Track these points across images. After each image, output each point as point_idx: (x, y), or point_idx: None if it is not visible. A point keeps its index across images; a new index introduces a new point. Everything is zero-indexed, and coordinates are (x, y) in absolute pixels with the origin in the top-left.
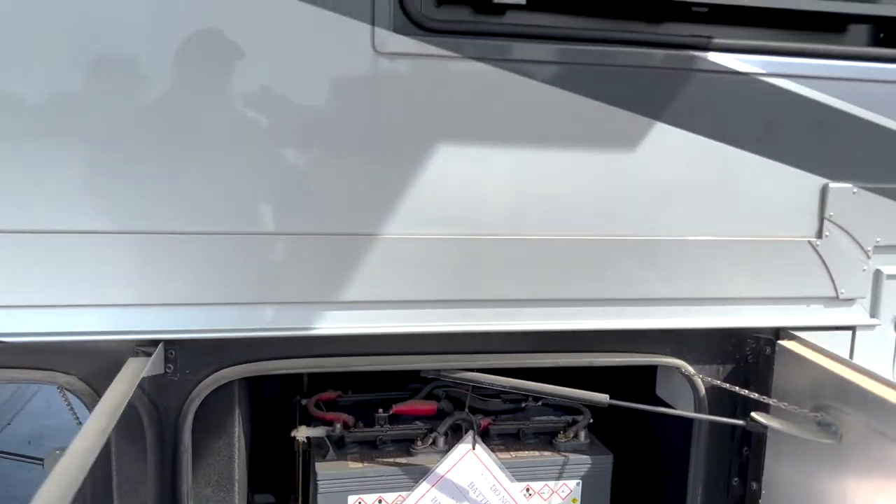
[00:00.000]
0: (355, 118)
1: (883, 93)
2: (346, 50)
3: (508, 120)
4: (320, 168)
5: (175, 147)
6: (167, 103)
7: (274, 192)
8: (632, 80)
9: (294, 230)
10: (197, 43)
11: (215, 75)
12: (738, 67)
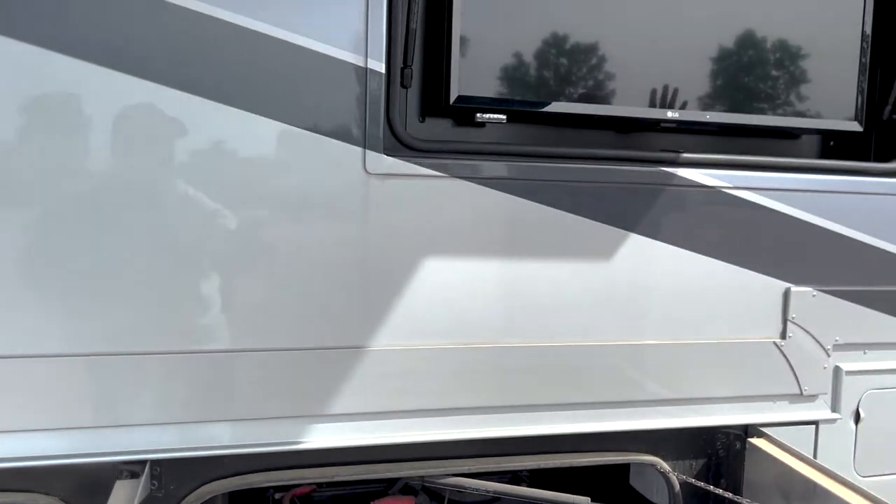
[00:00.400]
0: (347, 235)
1: (835, 202)
2: (338, 171)
3: (493, 234)
4: (313, 284)
5: (155, 265)
6: (159, 224)
7: (263, 308)
8: (609, 195)
9: (283, 346)
10: (194, 165)
11: (214, 196)
12: (705, 182)
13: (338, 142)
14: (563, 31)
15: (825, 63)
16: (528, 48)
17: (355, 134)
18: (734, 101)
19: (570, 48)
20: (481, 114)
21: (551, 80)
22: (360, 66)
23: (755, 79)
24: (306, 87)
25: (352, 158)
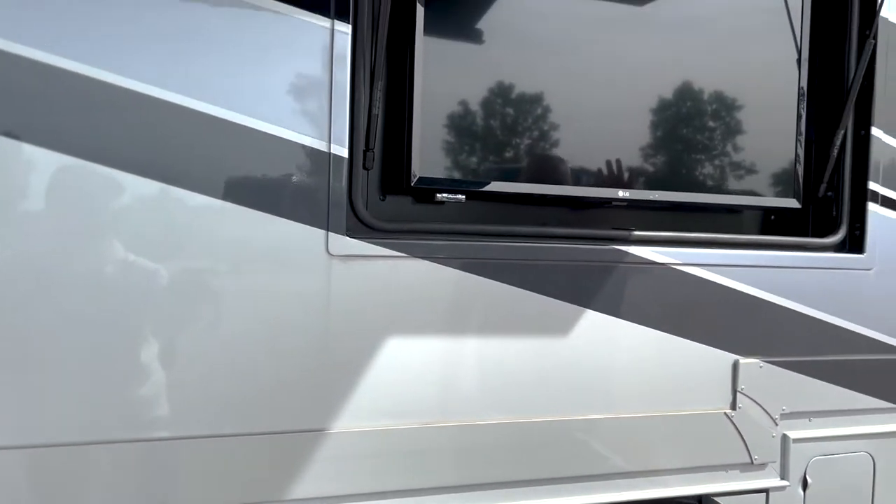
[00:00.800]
0: (311, 318)
1: (777, 276)
2: (302, 254)
3: (453, 313)
4: (274, 367)
5: (107, 347)
6: (111, 306)
7: (220, 393)
8: (564, 272)
9: (246, 430)
10: (155, 250)
11: (175, 279)
12: (655, 259)
13: (301, 225)
14: (519, 115)
15: (766, 144)
16: (486, 131)
17: (318, 216)
18: (681, 180)
19: (526, 131)
20: (441, 193)
21: (508, 160)
22: (324, 151)
23: (700, 159)
24: (272, 172)
25: (315, 241)
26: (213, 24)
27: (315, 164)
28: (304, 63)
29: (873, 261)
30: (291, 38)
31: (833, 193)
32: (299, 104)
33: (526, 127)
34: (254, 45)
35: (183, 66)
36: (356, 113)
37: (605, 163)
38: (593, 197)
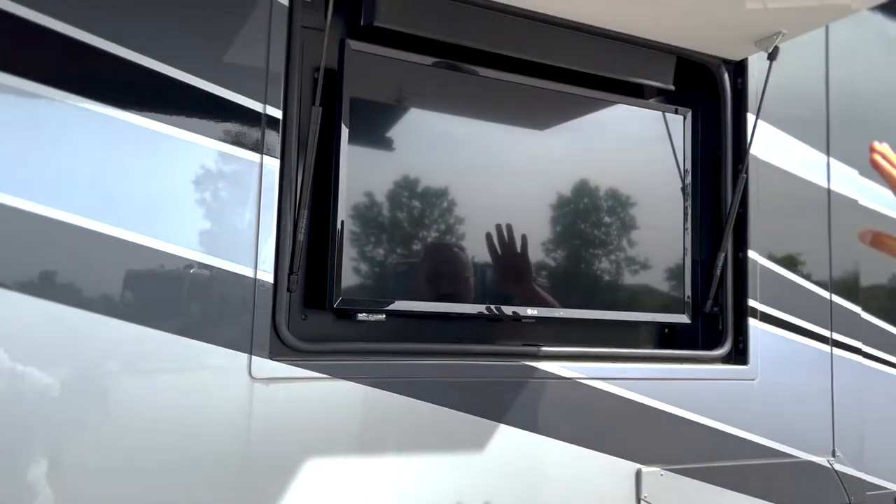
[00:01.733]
0: (232, 443)
1: (671, 387)
2: (224, 378)
3: (373, 432)
4: (196, 499)
5: None
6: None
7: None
8: (479, 388)
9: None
10: (77, 379)
11: (97, 409)
12: (561, 373)
13: (224, 349)
14: (437, 240)
15: (659, 266)
16: (406, 255)
17: (242, 340)
18: (585, 297)
19: (444, 254)
20: (362, 313)
21: (427, 281)
22: (250, 276)
23: (603, 279)
24: (197, 297)
25: (238, 364)
26: (148, 159)
27: (240, 289)
28: (234, 195)
29: (756, 371)
30: (224, 172)
31: (718, 309)
32: (228, 232)
33: (445, 251)
34: (188, 178)
35: (110, 196)
36: (282, 239)
37: (521, 281)
38: (504, 315)
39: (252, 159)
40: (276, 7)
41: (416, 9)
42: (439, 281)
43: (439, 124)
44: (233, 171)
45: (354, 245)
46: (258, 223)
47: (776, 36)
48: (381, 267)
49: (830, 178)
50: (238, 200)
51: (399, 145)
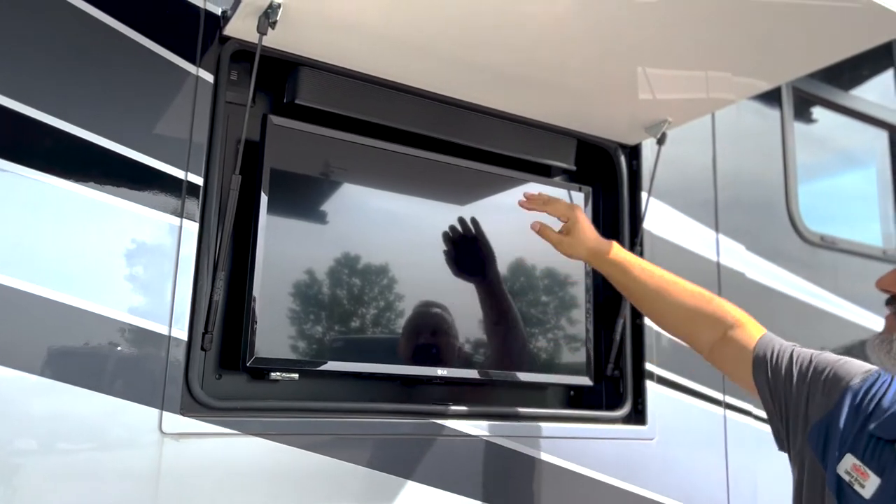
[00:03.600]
0: (140, 493)
1: (574, 445)
2: (135, 433)
3: (283, 488)
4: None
5: None
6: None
7: None
8: (389, 446)
9: None
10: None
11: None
12: (470, 431)
13: (136, 404)
14: (349, 302)
15: (565, 332)
16: (319, 316)
17: (154, 396)
18: (494, 360)
19: (356, 315)
20: (275, 372)
21: (338, 341)
22: (164, 334)
23: (511, 342)
24: (112, 354)
25: (149, 420)
26: (71, 221)
27: (154, 346)
28: (152, 256)
29: (654, 431)
30: (144, 234)
31: (619, 373)
32: (144, 292)
33: (358, 312)
34: (108, 239)
35: (34, 255)
36: (198, 299)
37: (429, 342)
38: (415, 375)
39: (172, 223)
40: (202, 83)
41: (336, 89)
42: (353, 342)
43: (356, 195)
44: (153, 233)
45: (270, 307)
46: (175, 284)
47: (663, 123)
48: (297, 328)
49: (720, 252)
50: (156, 262)
51: (317, 214)
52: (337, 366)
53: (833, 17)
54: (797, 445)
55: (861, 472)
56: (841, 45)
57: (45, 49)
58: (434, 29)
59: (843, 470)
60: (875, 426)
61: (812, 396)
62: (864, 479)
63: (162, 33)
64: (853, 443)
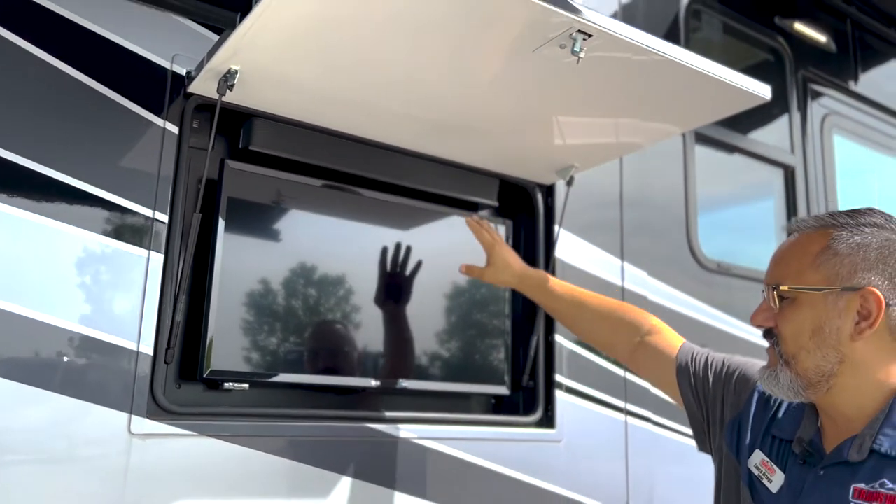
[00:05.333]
0: (111, 485)
1: (497, 447)
2: (107, 433)
3: (234, 483)
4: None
5: None
6: None
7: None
8: (329, 447)
9: None
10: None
11: None
12: (399, 435)
13: (109, 409)
14: (292, 321)
15: (486, 346)
16: (267, 333)
17: (124, 402)
18: (422, 370)
19: (299, 332)
20: (228, 383)
21: (284, 355)
22: (133, 349)
23: (439, 355)
24: (89, 365)
25: (119, 422)
26: (52, 253)
27: (125, 359)
28: (124, 282)
29: (562, 434)
30: (116, 264)
31: (533, 383)
32: (117, 313)
33: (301, 327)
34: (85, 267)
35: (21, 282)
36: (162, 319)
37: (364, 355)
38: (351, 386)
39: (141, 254)
40: (168, 133)
41: (285, 137)
42: (299, 355)
43: (302, 228)
44: (124, 263)
45: (224, 326)
46: (143, 306)
47: (571, 168)
48: (247, 345)
49: (624, 278)
50: (127, 287)
51: (267, 245)
52: (282, 377)
53: (708, 84)
54: (717, 443)
55: (769, 467)
56: (721, 106)
57: (32, 104)
58: (370, 87)
59: (752, 465)
60: (775, 428)
61: (726, 397)
62: (770, 475)
63: (134, 91)
64: (761, 440)
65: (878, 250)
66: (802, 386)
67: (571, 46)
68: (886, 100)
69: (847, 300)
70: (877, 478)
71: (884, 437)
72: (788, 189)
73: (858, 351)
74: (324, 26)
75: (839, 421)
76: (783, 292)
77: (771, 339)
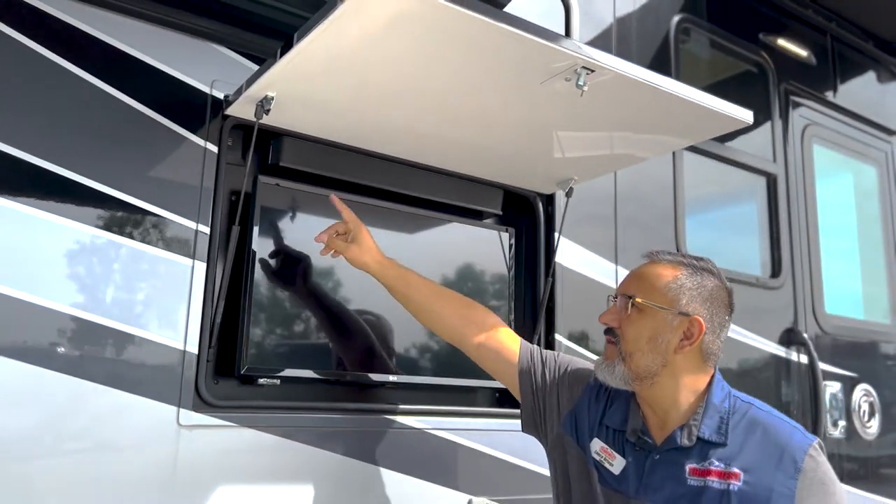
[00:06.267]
0: (161, 479)
1: (496, 436)
2: (158, 425)
3: (269, 465)
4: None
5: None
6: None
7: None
8: (352, 437)
9: None
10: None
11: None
12: (416, 426)
13: (160, 402)
14: (326, 322)
15: None
16: (297, 332)
17: (173, 397)
18: (433, 366)
19: (327, 332)
20: (262, 378)
21: (312, 353)
22: (180, 349)
23: (448, 350)
24: (141, 365)
25: (169, 415)
26: (113, 265)
27: (173, 358)
28: (172, 290)
29: None
30: (167, 272)
31: None
32: (166, 317)
33: (329, 327)
34: (141, 277)
35: (88, 291)
36: (204, 322)
37: (383, 352)
38: (372, 380)
39: (187, 263)
40: (209, 153)
41: (309, 154)
42: (324, 353)
43: None
44: (173, 272)
45: (258, 327)
46: (188, 309)
47: (570, 180)
48: (279, 343)
49: (618, 281)
50: (176, 293)
51: (297, 251)
52: (310, 373)
53: (697, 110)
54: (554, 431)
55: (608, 452)
56: (708, 128)
57: (90, 129)
58: (393, 110)
59: (594, 451)
60: (608, 419)
61: (561, 392)
62: (611, 459)
63: (178, 113)
64: (598, 430)
65: (710, 292)
66: (631, 378)
67: (575, 80)
68: (863, 109)
69: (679, 321)
70: (705, 458)
71: (705, 427)
72: (771, 196)
73: (678, 361)
74: (354, 60)
75: (658, 412)
76: (636, 302)
77: (613, 336)
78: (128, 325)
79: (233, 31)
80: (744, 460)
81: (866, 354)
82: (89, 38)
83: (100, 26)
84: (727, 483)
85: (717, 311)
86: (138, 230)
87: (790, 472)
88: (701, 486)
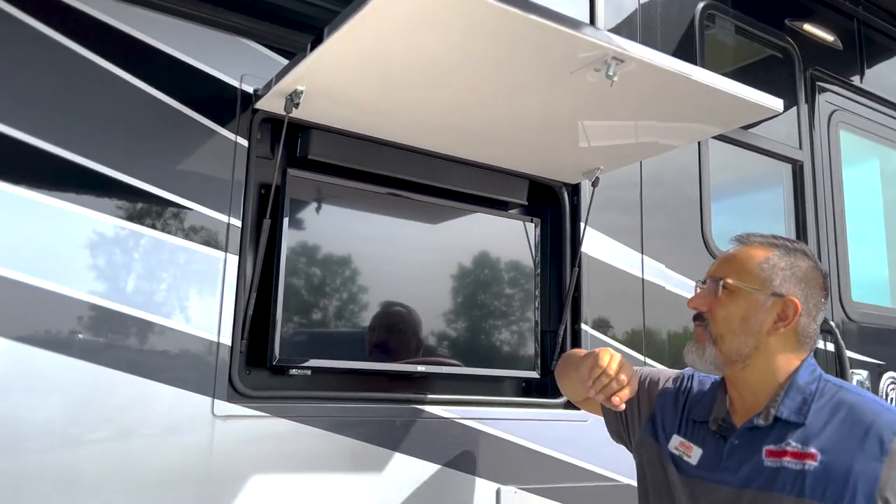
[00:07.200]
0: (197, 467)
1: (528, 426)
2: (193, 415)
3: (301, 453)
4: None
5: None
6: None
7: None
8: (382, 426)
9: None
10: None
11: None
12: (443, 415)
13: (195, 394)
14: (354, 314)
15: (517, 333)
16: (326, 324)
17: (207, 388)
18: (461, 356)
19: (356, 323)
20: (293, 369)
21: (341, 344)
22: (214, 341)
23: (475, 342)
24: (177, 357)
25: (204, 405)
26: (149, 258)
27: (207, 350)
28: (205, 283)
29: (587, 415)
30: (201, 266)
31: None
32: (201, 310)
33: (358, 319)
34: (178, 271)
35: (122, 284)
36: (237, 314)
37: (414, 343)
38: (401, 371)
39: (219, 256)
40: (239, 147)
41: (337, 146)
42: (354, 344)
43: (356, 229)
44: (206, 265)
45: (289, 319)
46: (221, 302)
47: (597, 170)
48: (309, 335)
49: (644, 271)
50: (209, 286)
51: (325, 243)
52: (340, 363)
53: (727, 99)
54: (636, 437)
55: (686, 446)
56: (738, 117)
57: (123, 124)
58: (421, 102)
59: (672, 447)
60: (693, 414)
61: (641, 401)
62: (689, 452)
63: (208, 108)
64: (677, 427)
65: (804, 273)
66: (722, 361)
67: (606, 70)
68: (891, 94)
69: (773, 302)
70: (783, 439)
71: (784, 408)
72: (797, 183)
73: (772, 343)
74: (383, 54)
75: (746, 396)
76: (727, 284)
77: (702, 321)
78: (164, 318)
79: (262, 26)
80: (823, 440)
81: (894, 342)
82: (121, 35)
83: (132, 22)
84: (803, 463)
85: (812, 292)
86: (172, 225)
87: (874, 452)
88: (776, 468)
